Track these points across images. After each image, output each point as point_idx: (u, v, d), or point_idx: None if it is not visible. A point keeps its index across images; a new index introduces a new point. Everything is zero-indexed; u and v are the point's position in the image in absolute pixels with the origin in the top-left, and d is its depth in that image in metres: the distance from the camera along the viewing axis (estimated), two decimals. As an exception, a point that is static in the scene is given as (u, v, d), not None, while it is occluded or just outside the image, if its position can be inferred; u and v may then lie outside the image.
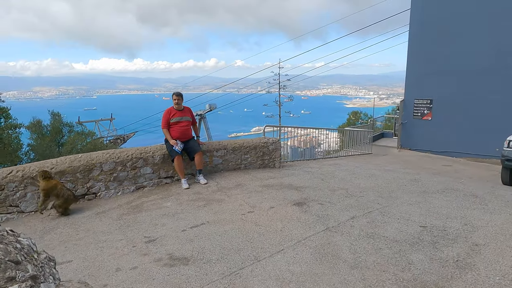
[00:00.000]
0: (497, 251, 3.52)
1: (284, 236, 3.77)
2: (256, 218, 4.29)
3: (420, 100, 12.93)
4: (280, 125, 15.03)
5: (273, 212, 4.50)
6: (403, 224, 4.22)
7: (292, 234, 3.81)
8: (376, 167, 8.22)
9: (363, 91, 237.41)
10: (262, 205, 4.74)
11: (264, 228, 3.97)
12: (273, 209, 4.59)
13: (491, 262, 3.30)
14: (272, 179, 6.17)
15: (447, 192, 5.96)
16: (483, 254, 3.44)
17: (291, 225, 4.06)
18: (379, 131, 16.38)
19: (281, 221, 4.18)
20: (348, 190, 5.66)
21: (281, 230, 3.92)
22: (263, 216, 4.37)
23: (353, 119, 37.32)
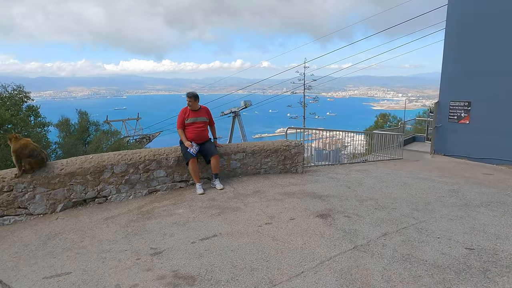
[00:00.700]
0: None
1: (305, 254, 3.30)
2: (274, 231, 3.84)
3: (457, 102, 11.98)
4: (304, 127, 14.49)
5: (294, 224, 4.04)
6: (445, 244, 3.64)
7: (314, 253, 3.33)
8: (408, 174, 7.54)
9: (391, 93, 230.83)
10: (281, 216, 4.29)
11: (283, 244, 3.52)
12: (293, 221, 4.13)
13: (560, 300, 2.69)
14: (294, 186, 5.69)
15: (493, 205, 5.26)
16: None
17: (314, 242, 3.58)
18: (410, 135, 15.44)
19: (302, 236, 3.71)
20: (378, 201, 5.09)
21: (301, 247, 3.45)
22: (282, 229, 3.91)
23: (381, 122, 36.02)
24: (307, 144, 10.69)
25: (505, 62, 10.88)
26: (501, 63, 10.97)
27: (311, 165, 8.15)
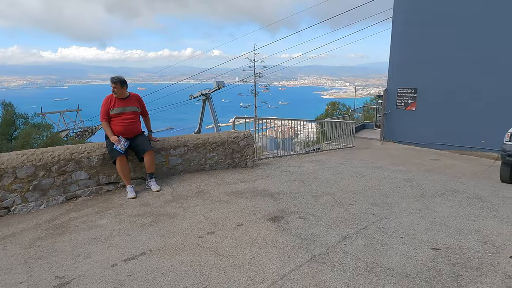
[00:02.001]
0: (540, 287, 2.60)
1: (253, 273, 2.69)
2: (218, 243, 3.18)
3: (404, 89, 12.15)
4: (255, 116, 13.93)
5: (241, 232, 3.41)
6: (410, 245, 3.24)
7: (265, 270, 2.73)
8: (362, 163, 7.29)
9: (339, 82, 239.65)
10: (227, 222, 3.64)
11: (227, 260, 2.87)
12: (241, 228, 3.50)
13: (539, 307, 2.37)
14: (243, 182, 5.07)
15: (448, 194, 5.08)
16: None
17: (264, 254, 2.98)
18: (360, 122, 15.60)
19: (250, 248, 3.09)
20: (335, 196, 4.64)
21: (249, 263, 2.84)
22: (227, 239, 3.27)
23: (331, 110, 36.77)
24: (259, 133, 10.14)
25: (450, 50, 11.14)
26: (446, 51, 11.22)
27: (264, 156, 7.59)
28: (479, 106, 10.69)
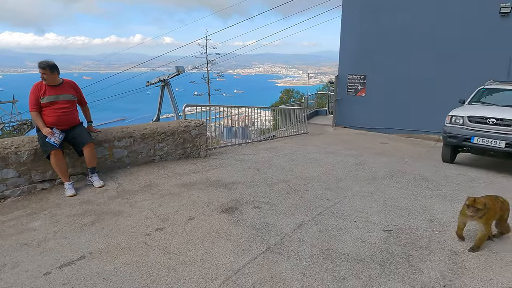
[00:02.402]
0: (481, 261, 2.73)
1: (206, 270, 2.52)
2: (167, 240, 2.96)
3: (354, 75, 12.50)
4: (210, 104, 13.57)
5: (193, 226, 3.21)
6: (363, 229, 3.26)
7: (218, 265, 2.57)
8: (316, 149, 7.36)
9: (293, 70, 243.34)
10: (177, 217, 3.41)
11: (177, 258, 2.67)
12: (192, 222, 3.30)
13: (482, 281, 2.47)
14: (195, 173, 4.84)
15: (397, 176, 5.26)
16: (469, 269, 2.61)
17: (217, 248, 2.82)
18: (314, 109, 15.88)
19: (202, 242, 2.91)
20: (290, 183, 4.59)
21: (202, 259, 2.66)
22: (177, 235, 3.05)
23: (286, 98, 37.22)
24: (215, 122, 9.87)
25: (396, 37, 11.58)
26: (392, 38, 11.65)
27: (220, 145, 7.36)
28: (422, 92, 11.29)
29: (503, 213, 2.95)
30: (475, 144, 5.84)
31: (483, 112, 6.06)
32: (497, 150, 5.74)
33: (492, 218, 2.86)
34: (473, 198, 2.80)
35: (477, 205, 2.72)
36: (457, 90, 9.11)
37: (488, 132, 5.74)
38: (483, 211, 2.74)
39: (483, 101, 6.87)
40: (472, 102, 6.94)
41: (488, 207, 2.75)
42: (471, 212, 2.75)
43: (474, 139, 5.85)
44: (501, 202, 2.93)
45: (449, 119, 6.34)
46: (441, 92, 10.66)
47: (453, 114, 6.32)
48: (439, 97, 10.56)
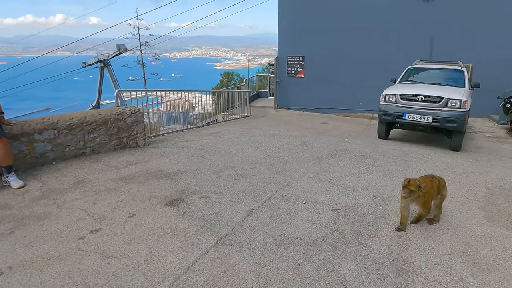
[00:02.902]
0: (422, 232, 2.88)
1: (151, 272, 2.28)
2: (105, 243, 2.64)
3: (293, 57, 12.62)
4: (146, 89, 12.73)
5: (134, 224, 2.92)
6: (313, 210, 3.26)
7: (165, 266, 2.35)
8: (260, 132, 7.30)
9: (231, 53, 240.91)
10: (115, 215, 3.08)
11: (117, 263, 2.38)
12: (133, 219, 3.00)
13: (425, 250, 2.60)
14: (134, 165, 4.45)
15: (339, 155, 5.41)
16: (413, 241, 2.73)
17: (163, 246, 2.58)
18: (255, 92, 15.82)
19: (146, 241, 2.65)
20: (237, 169, 4.45)
21: (146, 260, 2.41)
22: (116, 235, 2.74)
23: (226, 81, 36.75)
24: (153, 108, 9.28)
25: (333, 19, 11.84)
26: (329, 19, 11.90)
27: (160, 132, 6.90)
28: (357, 72, 11.81)
29: (441, 190, 2.96)
30: (407, 120, 6.22)
31: (413, 90, 6.45)
32: (425, 125, 6.19)
33: (430, 200, 2.86)
34: (408, 179, 2.74)
35: (410, 186, 2.67)
36: (389, 69, 9.64)
37: (418, 109, 6.14)
38: (417, 193, 2.70)
39: (412, 80, 7.34)
40: (402, 81, 7.36)
41: (423, 190, 2.70)
42: (404, 194, 2.70)
43: (406, 115, 6.23)
44: (437, 181, 2.94)
45: (383, 97, 6.65)
46: (375, 72, 11.22)
47: (386, 92, 6.64)
48: (372, 77, 11.13)
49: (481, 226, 3.05)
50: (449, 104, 5.87)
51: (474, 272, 2.34)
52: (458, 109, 5.82)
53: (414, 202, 2.83)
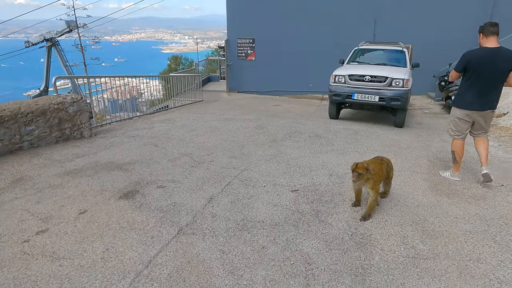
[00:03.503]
0: (380, 207, 3.04)
1: (109, 270, 2.15)
2: (54, 244, 2.43)
3: (243, 39, 12.46)
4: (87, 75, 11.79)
5: (86, 221, 2.72)
6: (273, 193, 3.29)
7: (124, 262, 2.23)
8: (214, 117, 7.17)
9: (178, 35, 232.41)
10: (63, 213, 2.85)
11: (71, 264, 2.22)
12: (85, 216, 2.80)
13: (380, 223, 2.75)
14: (81, 158, 4.14)
15: (294, 136, 5.51)
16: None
17: (121, 242, 2.45)
18: (205, 76, 15.47)
19: (101, 238, 2.49)
20: (193, 156, 4.34)
21: (103, 258, 2.27)
22: (67, 235, 2.54)
23: (174, 65, 35.51)
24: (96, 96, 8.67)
25: (283, 1, 11.80)
26: (279, 1, 11.84)
27: (107, 121, 6.46)
28: (306, 54, 12.00)
29: (389, 172, 3.05)
30: (356, 100, 6.48)
31: (360, 70, 6.71)
32: (372, 104, 6.49)
33: (379, 181, 2.86)
34: (355, 163, 2.73)
35: (358, 170, 2.68)
36: (337, 50, 9.92)
37: (365, 89, 6.42)
38: (366, 176, 2.71)
39: (358, 61, 7.62)
40: (350, 62, 7.62)
41: (371, 172, 2.73)
42: (354, 177, 2.71)
43: (354, 95, 6.48)
44: (386, 163, 3.02)
45: (333, 78, 6.83)
46: (323, 53, 11.49)
47: (336, 73, 6.83)
48: (321, 58, 11.40)
49: (427, 196, 3.30)
50: (393, 83, 6.20)
51: (424, 239, 2.53)
52: (401, 88, 6.17)
53: (364, 184, 2.82)
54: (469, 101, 3.53)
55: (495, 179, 3.63)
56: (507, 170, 4.05)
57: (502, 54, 3.33)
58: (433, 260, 2.28)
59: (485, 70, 3.38)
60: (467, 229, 2.68)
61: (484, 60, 3.37)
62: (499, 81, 3.41)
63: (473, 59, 3.43)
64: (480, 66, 3.39)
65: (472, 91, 3.50)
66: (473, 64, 3.42)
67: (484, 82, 3.42)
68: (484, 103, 3.49)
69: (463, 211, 2.98)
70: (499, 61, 3.32)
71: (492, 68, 3.35)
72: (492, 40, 3.40)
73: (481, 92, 3.46)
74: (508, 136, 5.62)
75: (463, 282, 2.07)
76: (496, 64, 3.33)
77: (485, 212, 2.97)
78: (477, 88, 3.46)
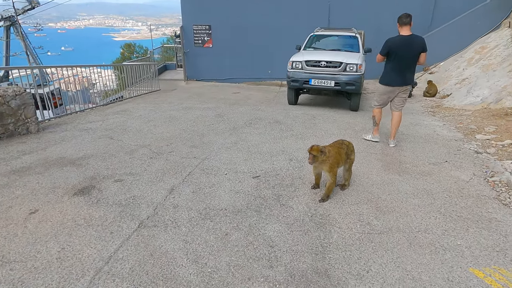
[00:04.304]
0: (337, 188, 3.17)
1: (67, 270, 2.07)
2: (3, 247, 2.28)
3: (199, 26, 12.16)
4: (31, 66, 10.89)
5: (38, 221, 2.57)
6: (235, 180, 3.31)
7: (82, 260, 2.15)
8: (172, 106, 7.00)
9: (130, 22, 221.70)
10: (12, 214, 2.66)
11: (23, 267, 2.09)
12: (36, 216, 2.64)
13: (338, 203, 2.88)
14: (28, 154, 3.87)
15: (254, 123, 5.54)
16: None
17: (78, 240, 2.35)
18: (161, 64, 14.95)
19: (56, 238, 2.37)
20: (152, 147, 4.22)
21: (59, 258, 2.17)
22: (17, 237, 2.39)
23: (128, 54, 33.97)
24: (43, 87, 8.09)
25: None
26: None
27: (57, 115, 6.06)
28: (263, 40, 11.98)
29: (349, 155, 3.10)
30: (313, 85, 6.63)
31: (316, 56, 6.84)
32: (329, 89, 6.68)
33: (336, 164, 2.88)
34: (311, 146, 2.78)
35: (312, 152, 2.73)
36: (293, 36, 10.01)
37: (322, 74, 6.57)
38: (322, 157, 2.76)
39: (314, 47, 7.76)
40: (306, 47, 7.74)
41: (327, 155, 2.78)
42: (309, 160, 2.76)
43: (312, 81, 6.62)
44: (346, 147, 3.08)
45: (290, 64, 6.92)
46: (280, 39, 11.54)
47: (293, 59, 6.91)
48: (279, 44, 11.45)
49: (380, 175, 3.49)
50: (348, 68, 6.41)
51: (378, 215, 2.69)
52: (355, 73, 6.39)
53: (322, 168, 2.88)
54: (393, 78, 4.31)
55: (440, 156, 3.93)
56: (451, 147, 4.39)
57: (414, 40, 4.10)
58: (386, 234, 2.44)
59: (403, 54, 4.14)
60: (416, 203, 2.89)
61: (401, 46, 4.13)
62: (413, 62, 4.20)
63: (393, 45, 4.18)
64: (399, 51, 4.15)
65: (394, 71, 4.27)
66: (393, 49, 4.18)
67: (402, 63, 4.19)
68: (404, 80, 4.28)
69: (412, 187, 3.20)
70: (412, 46, 4.10)
71: (408, 52, 4.12)
72: (405, 29, 4.16)
73: (401, 71, 4.24)
74: (452, 116, 6.07)
75: (412, 252, 2.24)
76: (410, 48, 4.11)
77: (431, 187, 3.21)
78: (398, 68, 4.24)
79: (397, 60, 4.19)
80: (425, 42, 4.12)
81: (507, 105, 5.76)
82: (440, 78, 9.07)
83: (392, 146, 4.42)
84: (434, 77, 9.38)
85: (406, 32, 4.15)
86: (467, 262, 2.14)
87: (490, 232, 2.47)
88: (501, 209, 2.81)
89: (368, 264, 2.12)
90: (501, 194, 3.05)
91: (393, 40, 4.20)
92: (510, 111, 5.50)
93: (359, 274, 2.04)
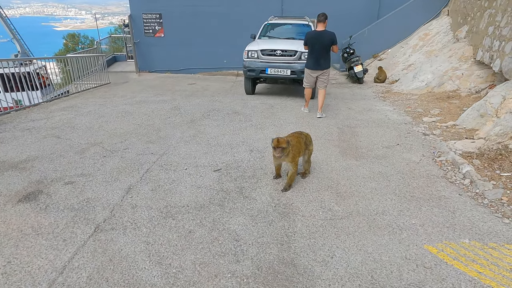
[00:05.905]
0: (299, 176, 3.21)
1: (15, 284, 1.88)
2: None
3: (149, 14, 11.60)
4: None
5: (-23, 234, 2.32)
6: (195, 175, 3.22)
7: (33, 273, 1.97)
8: (124, 100, 6.66)
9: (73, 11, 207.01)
10: None
11: (-38, 287, 1.88)
12: (-25, 228, 2.38)
13: (300, 191, 2.92)
14: (-39, 160, 3.48)
15: (212, 115, 5.45)
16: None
17: (26, 251, 2.15)
18: (110, 55, 14.13)
19: (0, 251, 2.15)
20: (104, 145, 3.98)
21: (5, 273, 1.97)
22: (-48, 253, 2.14)
23: (72, 44, 31.78)
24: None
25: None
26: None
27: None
28: (218, 29, 11.73)
29: (308, 145, 3.12)
30: (270, 74, 6.62)
31: (272, 45, 6.83)
32: (285, 78, 6.72)
33: (298, 154, 2.92)
34: (276, 139, 2.75)
35: (281, 145, 2.71)
36: (247, 25, 9.91)
37: (277, 63, 6.59)
38: (288, 149, 2.77)
39: (269, 35, 7.74)
40: (261, 36, 7.70)
41: (291, 144, 2.80)
42: (278, 154, 2.74)
43: (268, 70, 6.61)
44: (305, 137, 3.11)
45: (246, 54, 6.84)
46: (234, 28, 11.38)
47: (248, 49, 6.84)
48: (233, 33, 11.29)
49: (338, 161, 3.59)
50: (302, 56, 6.47)
51: (338, 201, 2.77)
52: (310, 61, 6.49)
53: (284, 160, 2.87)
54: (311, 64, 5.36)
55: (392, 140, 4.13)
56: (401, 130, 4.63)
57: (325, 35, 5.15)
58: (347, 219, 2.52)
59: (316, 45, 5.21)
60: (373, 187, 3.01)
61: (315, 39, 5.21)
62: (326, 52, 5.25)
63: (310, 38, 5.28)
64: (314, 43, 5.22)
65: (312, 58, 5.34)
66: (310, 41, 5.27)
67: (316, 52, 5.26)
68: (319, 65, 5.30)
69: (368, 171, 3.33)
70: (323, 39, 5.15)
71: (320, 43, 5.19)
72: (320, 25, 5.21)
73: (316, 58, 5.29)
74: (400, 101, 6.40)
75: (372, 234, 2.33)
76: (321, 41, 5.17)
77: (386, 170, 3.36)
78: (313, 56, 5.31)
79: (313, 50, 5.28)
80: (335, 36, 5.17)
81: (449, 88, 6.19)
82: (389, 64, 9.51)
83: (318, 116, 5.31)
84: (383, 63, 9.81)
85: (321, 28, 5.19)
86: (422, 240, 2.28)
87: (440, 210, 2.64)
88: (448, 186, 3.02)
89: (332, 250, 2.17)
90: (447, 172, 3.27)
91: (310, 34, 5.31)
92: (452, 94, 5.92)
93: (324, 260, 2.08)
